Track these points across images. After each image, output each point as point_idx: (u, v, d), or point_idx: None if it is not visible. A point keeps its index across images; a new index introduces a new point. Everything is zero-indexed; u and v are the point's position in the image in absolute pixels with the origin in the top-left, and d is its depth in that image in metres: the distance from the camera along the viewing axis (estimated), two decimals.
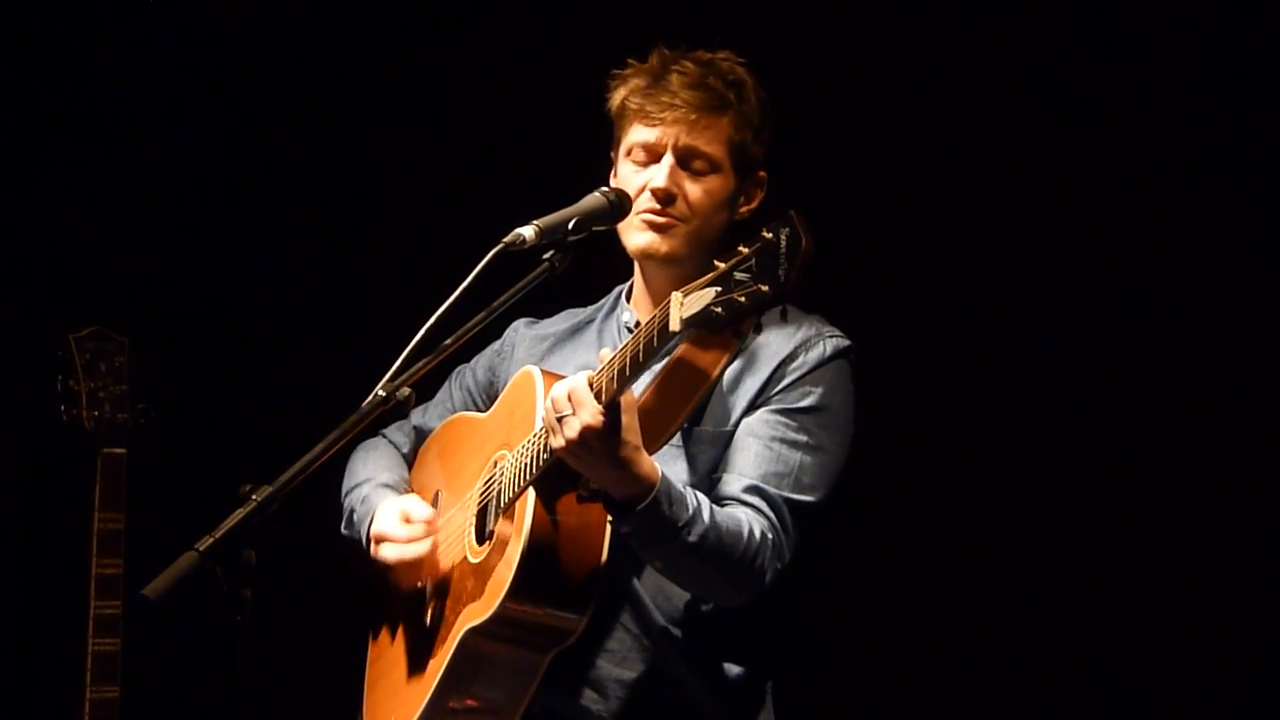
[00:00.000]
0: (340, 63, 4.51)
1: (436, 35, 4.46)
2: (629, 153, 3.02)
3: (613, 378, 2.64)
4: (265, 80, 4.50)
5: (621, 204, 2.95)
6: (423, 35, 4.47)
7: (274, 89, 4.51)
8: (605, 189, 2.97)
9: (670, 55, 3.01)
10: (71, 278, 4.42)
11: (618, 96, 3.04)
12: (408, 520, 3.04)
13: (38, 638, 4.39)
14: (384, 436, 3.35)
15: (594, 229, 2.92)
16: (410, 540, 3.02)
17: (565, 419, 2.64)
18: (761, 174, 3.05)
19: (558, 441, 2.66)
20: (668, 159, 2.96)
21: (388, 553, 3.03)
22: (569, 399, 2.65)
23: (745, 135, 2.99)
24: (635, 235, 2.99)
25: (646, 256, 2.99)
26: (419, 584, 3.07)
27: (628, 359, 2.62)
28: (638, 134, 3.00)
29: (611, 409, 2.64)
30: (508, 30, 4.39)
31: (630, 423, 2.65)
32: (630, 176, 3.01)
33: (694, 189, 2.97)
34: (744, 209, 3.04)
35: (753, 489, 2.83)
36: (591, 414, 2.63)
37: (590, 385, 2.66)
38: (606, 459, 2.64)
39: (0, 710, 4.38)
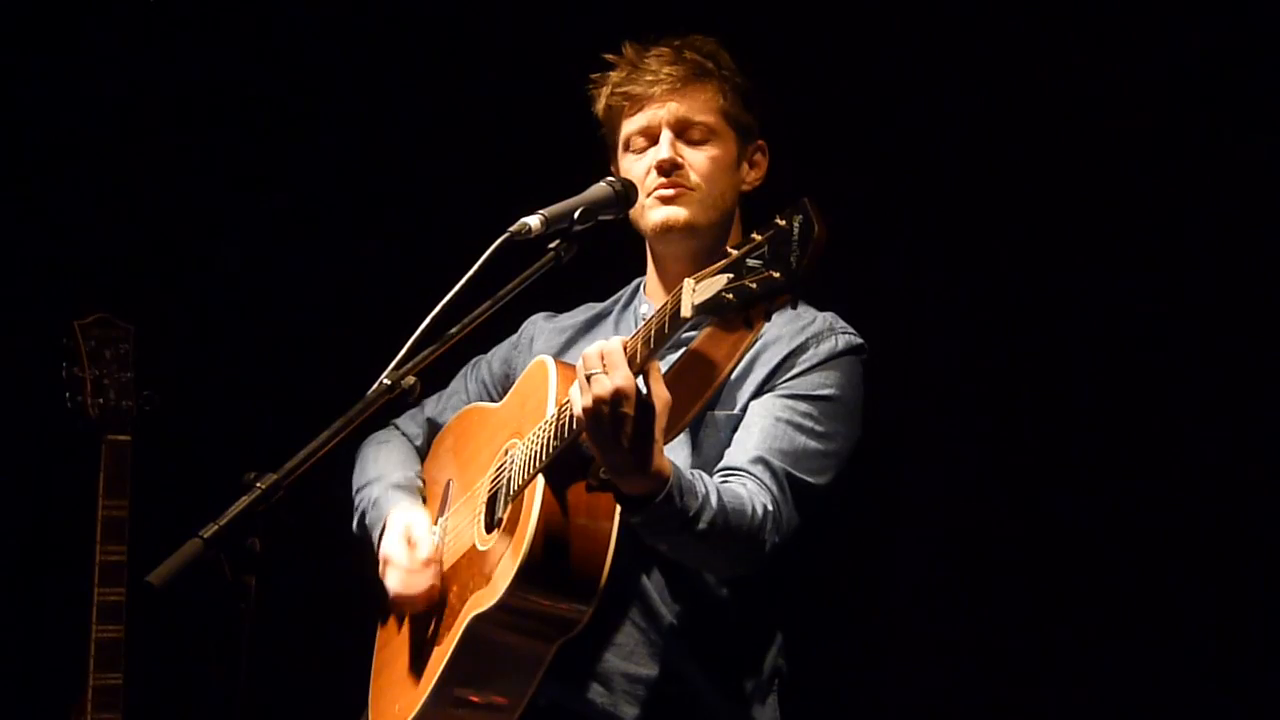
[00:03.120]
0: (346, 50, 4.51)
1: (444, 23, 4.46)
2: (627, 145, 3.05)
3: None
4: (272, 67, 4.50)
5: (628, 193, 2.98)
6: (429, 23, 4.46)
7: (280, 76, 4.50)
8: (611, 178, 3.00)
9: (642, 45, 3.06)
10: (77, 264, 4.41)
11: (602, 96, 3.09)
12: (410, 544, 3.03)
13: (41, 624, 4.40)
14: (396, 428, 3.34)
15: (600, 218, 2.93)
16: (412, 572, 3.01)
17: (595, 377, 2.59)
18: (761, 142, 3.08)
19: (585, 400, 2.59)
20: (665, 134, 3.00)
21: (391, 582, 3.03)
22: (601, 358, 2.59)
23: (735, 100, 3.03)
24: (650, 214, 3.00)
25: (666, 230, 2.99)
26: (435, 549, 3.06)
27: (639, 344, 2.61)
28: (630, 124, 3.04)
29: (644, 377, 2.59)
30: (517, 18, 4.38)
31: (661, 411, 2.59)
32: (633, 166, 3.03)
33: (696, 156, 3.00)
34: (750, 177, 3.07)
35: (757, 459, 2.82)
36: (624, 377, 2.57)
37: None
38: (628, 434, 2.57)
39: (4, 696, 4.39)
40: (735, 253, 2.46)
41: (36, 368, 4.08)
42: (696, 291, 2.49)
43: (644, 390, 2.59)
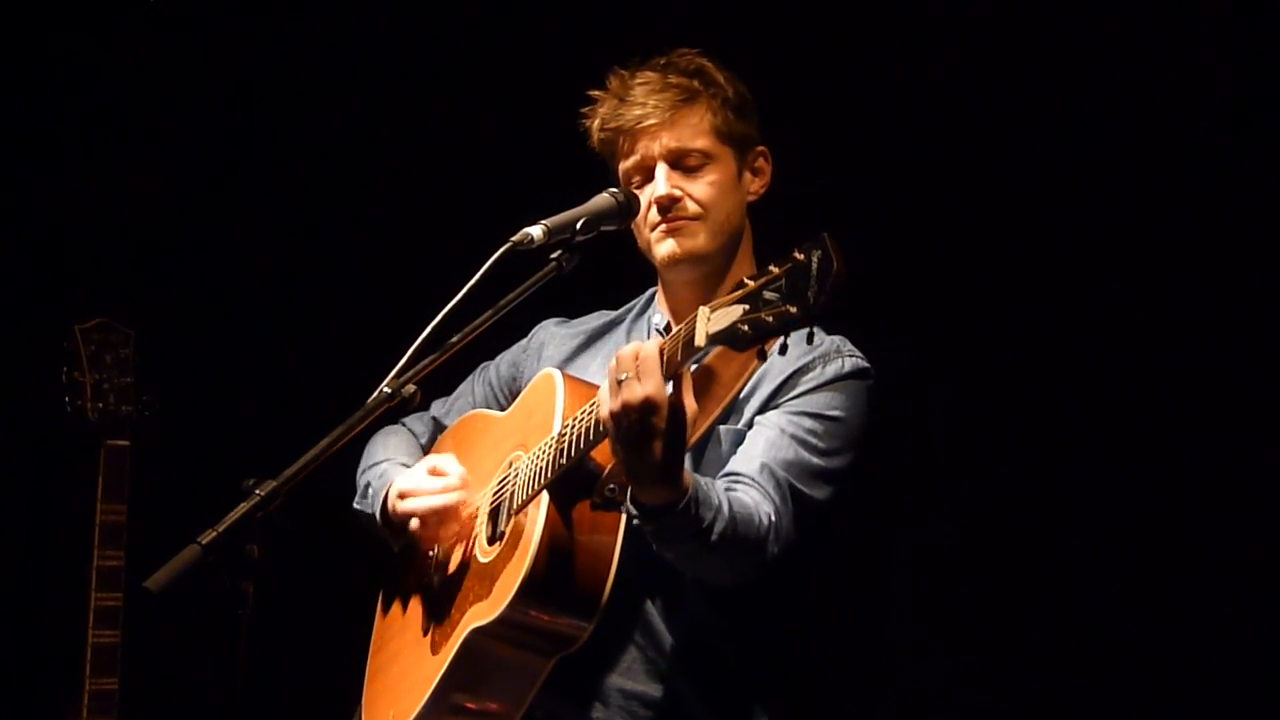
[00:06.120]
0: (350, 57, 4.51)
1: (448, 32, 4.46)
2: (629, 181, 3.03)
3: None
4: (276, 72, 4.50)
5: (630, 204, 2.97)
6: (434, 32, 4.47)
7: (283, 82, 4.51)
8: (614, 189, 2.99)
9: (627, 73, 3.03)
10: (78, 269, 4.41)
11: (594, 132, 3.06)
12: (435, 473, 3.01)
13: (38, 629, 4.39)
14: (404, 425, 3.34)
15: (603, 229, 2.93)
16: (442, 491, 2.98)
17: (626, 382, 2.54)
18: (761, 148, 3.06)
19: (614, 405, 2.53)
20: (660, 168, 2.97)
21: (415, 504, 2.98)
22: (635, 361, 2.54)
23: (726, 115, 3.00)
24: (657, 249, 2.99)
25: (674, 263, 2.98)
26: (432, 557, 3.05)
27: (678, 348, 2.55)
28: (626, 162, 3.02)
29: (675, 384, 2.55)
30: (520, 28, 4.39)
31: (691, 423, 2.55)
32: (640, 199, 3.02)
33: (696, 185, 2.98)
34: (754, 187, 3.05)
35: (763, 467, 2.80)
36: (656, 385, 2.52)
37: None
38: (654, 444, 2.52)
39: (1, 700, 4.38)
40: (751, 284, 2.42)
41: (36, 372, 4.07)
42: (711, 320, 2.47)
43: (674, 400, 2.55)
